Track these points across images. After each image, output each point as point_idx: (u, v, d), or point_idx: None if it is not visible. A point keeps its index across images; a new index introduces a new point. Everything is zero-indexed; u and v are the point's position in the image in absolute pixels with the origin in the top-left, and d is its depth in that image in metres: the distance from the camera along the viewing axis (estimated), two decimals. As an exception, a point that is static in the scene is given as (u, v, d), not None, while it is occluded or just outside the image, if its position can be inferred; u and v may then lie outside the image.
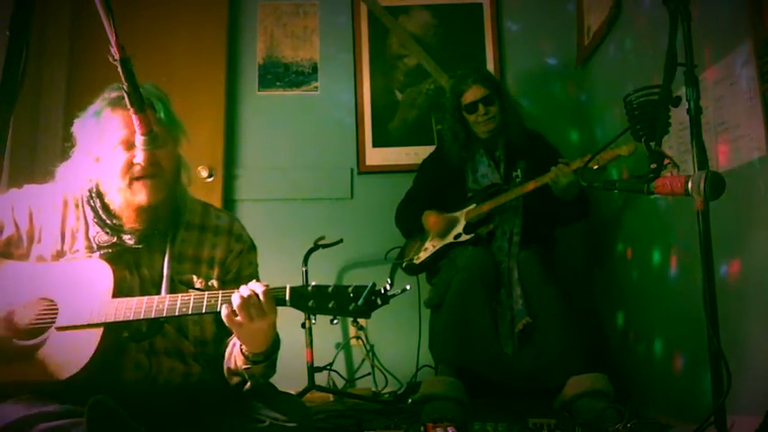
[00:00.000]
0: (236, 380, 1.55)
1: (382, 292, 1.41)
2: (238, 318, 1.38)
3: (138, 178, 1.52)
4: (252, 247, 1.73)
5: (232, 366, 1.53)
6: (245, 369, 1.49)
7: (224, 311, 1.38)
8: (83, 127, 1.57)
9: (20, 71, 1.01)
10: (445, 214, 2.68)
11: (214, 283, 1.61)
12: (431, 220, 2.68)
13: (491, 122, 2.69)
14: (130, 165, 1.51)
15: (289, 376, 1.81)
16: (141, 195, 1.51)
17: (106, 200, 1.56)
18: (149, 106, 1.40)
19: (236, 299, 1.38)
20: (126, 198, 1.53)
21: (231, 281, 1.64)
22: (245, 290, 1.39)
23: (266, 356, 1.48)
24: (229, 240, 1.68)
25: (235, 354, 1.52)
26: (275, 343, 1.50)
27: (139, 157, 1.49)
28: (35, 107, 3.12)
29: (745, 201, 1.77)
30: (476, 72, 2.79)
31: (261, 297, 1.38)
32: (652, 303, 2.43)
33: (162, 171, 1.54)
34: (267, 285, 1.43)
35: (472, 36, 3.51)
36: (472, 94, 2.69)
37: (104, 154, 1.54)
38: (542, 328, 2.33)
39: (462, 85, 2.73)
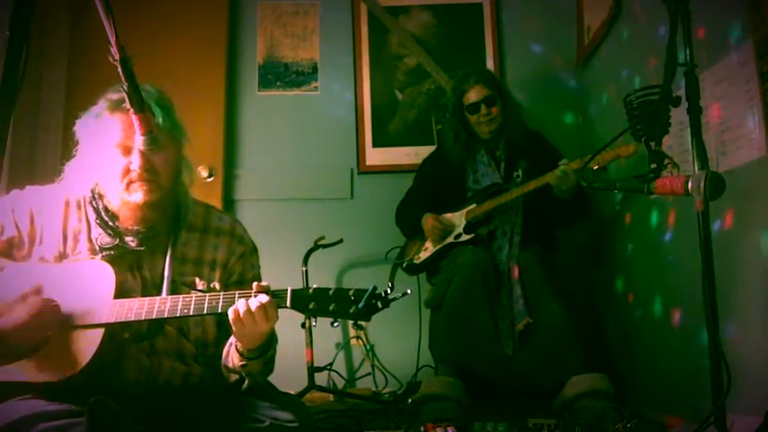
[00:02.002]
0: (234, 377, 1.56)
1: (383, 295, 1.42)
2: (243, 321, 1.39)
3: (134, 181, 1.52)
4: (253, 250, 1.73)
5: (229, 364, 1.54)
6: (241, 366, 1.49)
7: (231, 315, 1.39)
8: (84, 127, 1.58)
9: (20, 71, 1.01)
10: (443, 218, 2.68)
11: (216, 285, 1.61)
12: (428, 224, 2.68)
13: (493, 123, 2.69)
14: (127, 170, 1.52)
15: (289, 376, 1.81)
16: (137, 195, 1.52)
17: (105, 201, 1.57)
18: (149, 110, 1.40)
19: (242, 305, 1.39)
20: (123, 198, 1.53)
21: (235, 284, 1.65)
22: (253, 302, 1.39)
23: (261, 353, 1.49)
24: (231, 242, 1.68)
25: (232, 352, 1.52)
26: (269, 340, 1.50)
27: (136, 163, 1.50)
28: (35, 107, 3.12)
29: (745, 201, 1.77)
30: (478, 72, 2.79)
31: (267, 307, 1.40)
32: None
33: (158, 176, 1.54)
34: (268, 286, 1.44)
35: (472, 36, 3.51)
36: (474, 95, 2.69)
37: (104, 155, 1.54)
38: (542, 329, 2.33)
39: (464, 84, 2.73)
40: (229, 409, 1.52)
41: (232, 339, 1.54)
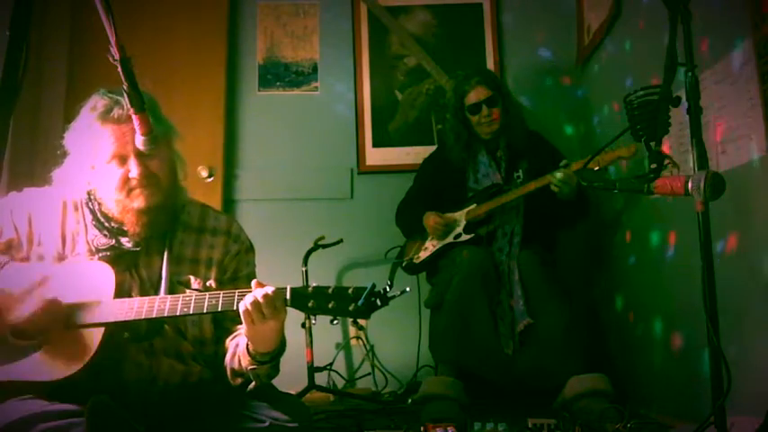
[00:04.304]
0: (239, 381, 1.56)
1: (382, 293, 1.42)
2: (252, 316, 1.39)
3: (134, 188, 1.53)
4: (250, 248, 1.74)
5: (236, 367, 1.54)
6: (250, 369, 1.49)
7: (242, 308, 1.39)
8: (73, 139, 1.58)
9: (20, 71, 1.01)
10: (445, 216, 2.68)
11: (212, 283, 1.62)
12: (430, 220, 2.68)
13: (494, 124, 2.69)
14: (126, 179, 1.52)
15: (289, 376, 1.81)
16: (139, 201, 1.53)
17: (104, 208, 1.58)
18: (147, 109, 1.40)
19: (250, 298, 1.39)
20: (125, 205, 1.54)
21: (228, 281, 1.65)
22: (259, 292, 1.40)
23: (272, 357, 1.49)
24: (227, 241, 1.69)
25: (239, 354, 1.52)
26: (282, 345, 1.50)
27: (134, 170, 1.51)
28: (35, 107, 3.12)
29: (745, 201, 1.77)
30: (479, 73, 2.79)
31: (275, 299, 1.40)
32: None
33: (157, 180, 1.55)
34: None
35: (472, 36, 3.51)
36: (475, 95, 2.69)
37: (99, 164, 1.55)
38: (542, 329, 2.33)
39: (466, 85, 2.72)
40: (229, 409, 1.52)
41: (237, 341, 1.54)
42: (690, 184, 1.40)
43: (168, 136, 1.60)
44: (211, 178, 3.28)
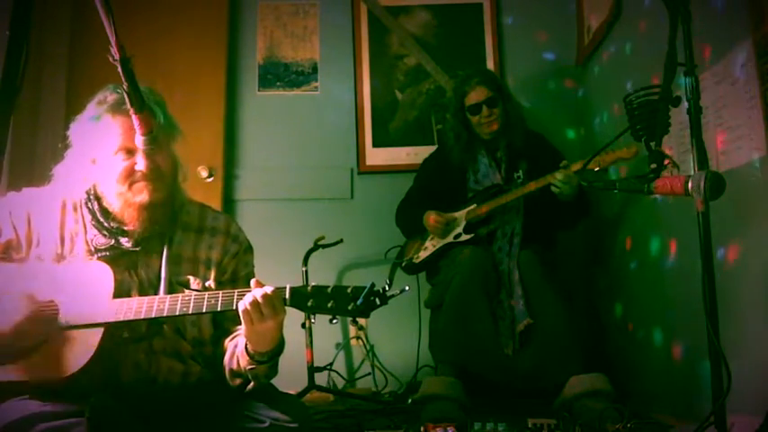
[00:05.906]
0: (238, 381, 1.55)
1: (381, 292, 1.42)
2: (251, 315, 1.39)
3: (138, 181, 1.53)
4: (248, 248, 1.74)
5: (234, 367, 1.53)
6: (249, 369, 1.49)
7: (241, 308, 1.40)
8: (80, 130, 1.57)
9: (20, 71, 1.01)
10: (446, 214, 2.68)
11: (211, 284, 1.62)
12: (431, 219, 2.68)
13: (494, 124, 2.68)
14: (132, 171, 1.52)
15: (289, 376, 1.81)
16: (142, 195, 1.53)
17: (104, 203, 1.57)
18: (148, 110, 1.40)
19: (249, 298, 1.39)
20: (126, 199, 1.54)
21: (227, 281, 1.65)
22: (258, 291, 1.40)
23: (270, 357, 1.48)
24: (226, 241, 1.69)
25: (238, 354, 1.52)
26: (280, 344, 1.50)
27: (141, 164, 1.51)
28: (35, 107, 3.12)
29: (745, 201, 1.77)
30: (480, 73, 2.79)
31: (274, 299, 1.40)
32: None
33: (162, 175, 1.55)
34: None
35: (472, 36, 3.51)
36: (476, 96, 2.69)
37: (102, 157, 1.54)
38: (543, 329, 2.33)
39: (466, 86, 2.72)
40: (229, 410, 1.52)
41: (236, 342, 1.54)
42: (690, 184, 1.40)
43: (173, 134, 1.60)
44: (211, 178, 3.28)
